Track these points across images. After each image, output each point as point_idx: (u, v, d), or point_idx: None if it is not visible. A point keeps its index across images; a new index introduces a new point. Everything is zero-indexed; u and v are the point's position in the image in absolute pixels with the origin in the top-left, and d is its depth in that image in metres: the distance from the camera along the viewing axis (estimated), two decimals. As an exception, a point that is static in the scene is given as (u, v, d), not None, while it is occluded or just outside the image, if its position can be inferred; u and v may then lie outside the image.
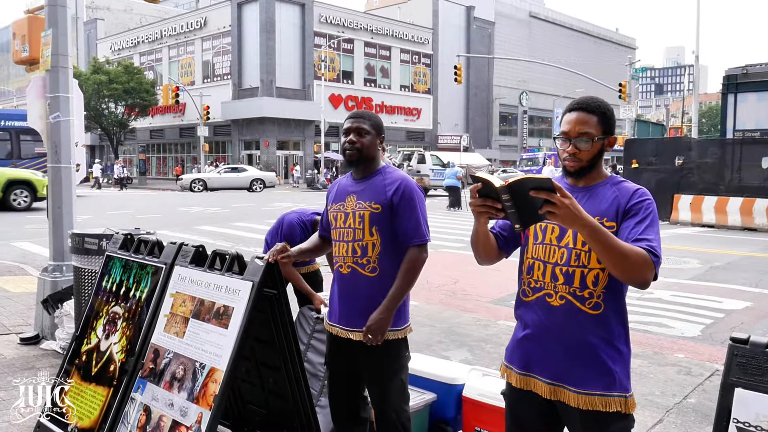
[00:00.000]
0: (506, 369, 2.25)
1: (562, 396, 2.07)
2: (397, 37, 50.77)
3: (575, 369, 2.05)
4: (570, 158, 2.09)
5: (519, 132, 65.03)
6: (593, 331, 2.03)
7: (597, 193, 2.10)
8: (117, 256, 3.52)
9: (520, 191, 1.73)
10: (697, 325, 6.59)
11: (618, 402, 2.02)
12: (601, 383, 2.02)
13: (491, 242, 2.19)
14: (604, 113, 2.09)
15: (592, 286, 2.02)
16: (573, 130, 2.08)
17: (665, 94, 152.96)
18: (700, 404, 4.42)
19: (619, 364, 2.05)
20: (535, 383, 2.13)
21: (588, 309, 2.03)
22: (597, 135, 2.07)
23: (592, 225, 1.80)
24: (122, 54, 51.90)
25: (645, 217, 1.98)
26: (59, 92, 5.43)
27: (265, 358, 2.99)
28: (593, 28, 75.57)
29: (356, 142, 2.81)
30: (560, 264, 2.06)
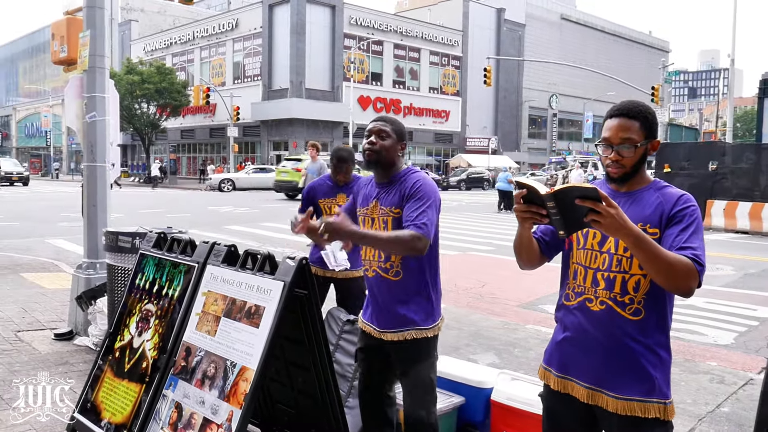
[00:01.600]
0: (544, 371, 2.25)
1: (600, 401, 2.06)
2: (427, 39, 50.74)
3: (614, 374, 2.04)
4: (613, 165, 2.07)
5: (548, 135, 64.48)
6: (633, 337, 2.02)
7: (640, 198, 2.08)
8: (150, 254, 3.57)
9: (566, 199, 1.75)
10: (730, 333, 6.46)
11: (657, 408, 2.01)
12: (640, 389, 2.01)
13: (534, 247, 2.18)
14: (646, 117, 2.07)
15: (632, 292, 2.01)
16: (615, 137, 2.05)
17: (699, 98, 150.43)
18: (734, 413, 4.33)
19: (659, 370, 2.04)
20: (573, 386, 2.13)
21: (628, 315, 2.02)
22: (639, 141, 2.05)
23: (637, 234, 1.80)
24: (155, 55, 52.71)
25: (689, 224, 1.97)
26: (96, 92, 5.53)
27: (295, 357, 3.01)
28: (625, 30, 74.60)
29: (376, 143, 2.81)
30: (602, 269, 2.06)
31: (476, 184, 41.34)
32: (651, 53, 72.76)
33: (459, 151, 51.94)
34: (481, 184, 41.06)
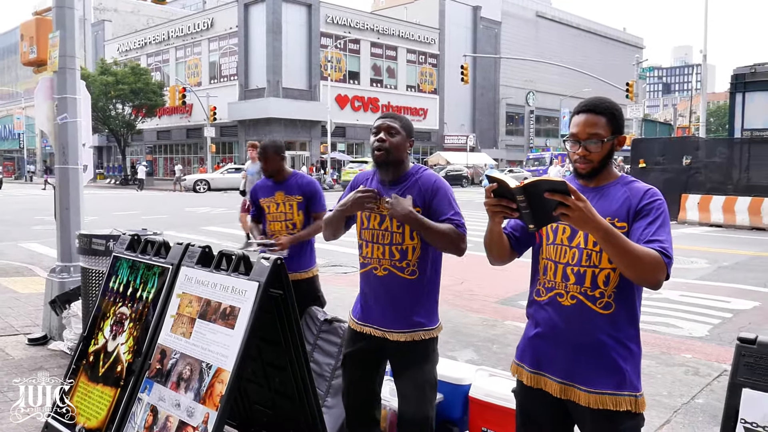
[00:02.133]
0: (517, 367, 2.26)
1: (573, 395, 2.08)
2: (404, 38, 50.78)
3: (586, 368, 2.06)
4: (581, 160, 2.10)
5: (526, 132, 64.90)
6: (604, 331, 2.04)
7: (608, 193, 2.11)
8: (124, 256, 3.53)
9: (535, 192, 1.77)
10: (705, 325, 6.56)
11: (628, 401, 2.03)
12: (611, 382, 2.04)
13: (504, 242, 2.20)
14: (612, 113, 2.10)
15: (603, 286, 2.04)
16: (582, 132, 2.08)
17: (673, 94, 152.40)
18: (708, 405, 4.40)
19: (630, 363, 2.06)
20: (546, 382, 2.14)
21: (599, 308, 2.04)
22: (606, 136, 2.08)
23: (605, 228, 1.83)
24: (129, 55, 52.12)
25: (656, 217, 2.00)
26: (67, 93, 5.45)
27: (272, 358, 3.00)
28: (600, 27, 75.30)
29: (385, 141, 2.74)
30: (571, 264, 2.08)
31: (455, 181, 41.44)
32: (626, 50, 73.50)
33: (437, 149, 52.07)
34: (459, 181, 41.19)
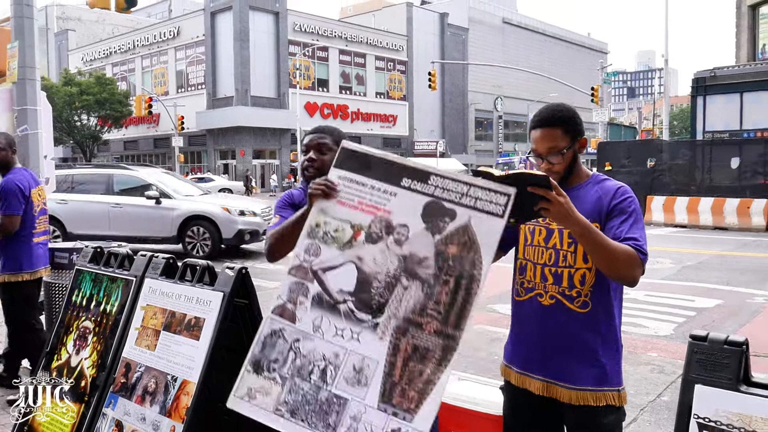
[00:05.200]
0: (506, 368, 2.31)
1: (555, 392, 2.14)
2: (372, 45, 50.95)
3: (567, 366, 2.11)
4: (547, 173, 2.08)
5: (495, 137, 65.49)
6: (582, 329, 2.10)
7: (579, 194, 2.13)
8: (87, 269, 3.48)
9: (519, 185, 1.80)
10: (670, 324, 6.69)
11: (610, 396, 2.09)
12: (592, 379, 2.09)
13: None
14: (566, 122, 2.12)
15: (579, 285, 2.09)
16: (542, 148, 2.13)
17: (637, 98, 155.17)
18: (673, 402, 4.44)
19: (610, 359, 2.12)
20: (530, 381, 2.19)
21: (576, 308, 2.10)
22: (565, 146, 2.11)
23: (584, 224, 1.89)
24: (94, 65, 51.41)
25: (629, 215, 2.05)
26: (27, 105, 5.37)
27: (237, 368, 2.98)
28: (565, 33, 76.45)
29: (316, 160, 2.60)
30: (548, 265, 2.13)
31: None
32: (590, 55, 74.72)
33: (407, 155, 52.13)
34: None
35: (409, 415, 1.96)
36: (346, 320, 2.11)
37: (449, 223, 2.04)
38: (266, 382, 2.17)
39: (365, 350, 2.07)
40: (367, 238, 2.15)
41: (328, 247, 2.20)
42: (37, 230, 4.56)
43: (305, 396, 2.10)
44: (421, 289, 2.04)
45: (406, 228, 2.10)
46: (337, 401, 2.06)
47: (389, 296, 2.08)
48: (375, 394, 2.02)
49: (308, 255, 2.22)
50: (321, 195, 2.24)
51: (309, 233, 2.24)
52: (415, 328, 2.02)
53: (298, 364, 2.14)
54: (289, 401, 2.12)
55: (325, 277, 2.19)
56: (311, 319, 2.16)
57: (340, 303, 2.14)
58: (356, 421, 2.02)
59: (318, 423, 2.06)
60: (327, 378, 2.09)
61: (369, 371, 2.05)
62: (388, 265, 2.10)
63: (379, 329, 2.06)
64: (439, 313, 2.00)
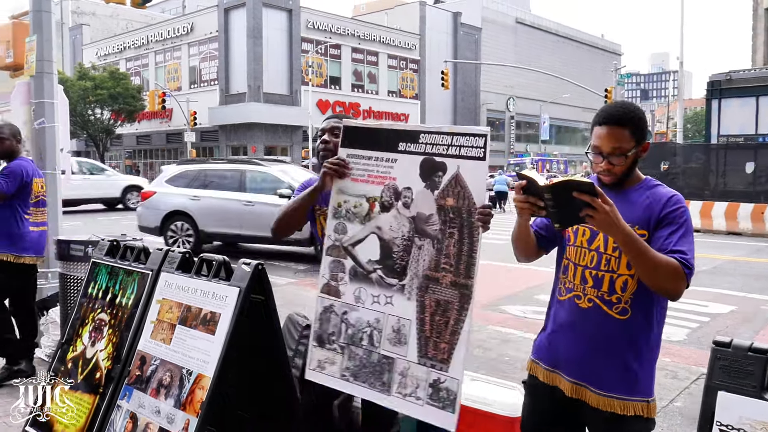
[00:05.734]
0: (533, 364, 2.29)
1: (584, 395, 2.11)
2: (385, 43, 50.90)
3: (598, 370, 2.08)
4: (604, 173, 2.08)
5: (506, 137, 65.29)
6: (618, 336, 2.05)
7: (629, 198, 2.08)
8: (103, 262, 3.50)
9: (563, 192, 1.81)
10: (683, 329, 6.65)
11: (639, 406, 2.04)
12: (622, 386, 2.05)
13: (531, 239, 2.21)
14: (636, 123, 2.04)
15: (620, 292, 2.04)
16: (606, 146, 2.04)
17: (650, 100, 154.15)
18: (686, 408, 4.45)
19: (643, 369, 2.07)
20: (560, 380, 2.17)
21: (615, 313, 2.05)
22: (630, 148, 2.03)
23: (628, 233, 1.85)
24: (108, 60, 51.66)
25: (679, 226, 1.99)
26: (44, 98, 5.40)
27: (253, 364, 2.99)
28: (579, 34, 76.07)
29: (329, 142, 2.69)
30: (590, 267, 2.09)
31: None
32: (604, 56, 74.34)
33: (418, 154, 52.17)
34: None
35: (445, 365, 2.18)
36: (379, 287, 2.35)
37: (442, 177, 2.23)
38: (329, 353, 2.44)
39: (399, 311, 2.30)
40: (381, 207, 2.37)
41: (352, 223, 2.42)
42: (34, 219, 4.71)
43: (361, 360, 2.36)
44: (432, 245, 2.24)
45: (410, 190, 2.31)
46: (386, 361, 2.30)
47: (408, 258, 2.29)
48: (414, 350, 2.25)
49: (337, 234, 2.45)
50: (335, 173, 2.42)
51: (334, 214, 2.45)
52: (434, 284, 2.22)
53: (350, 333, 2.39)
54: (350, 366, 2.39)
55: (355, 251, 2.41)
56: (352, 291, 2.40)
57: (371, 272, 2.37)
58: (404, 377, 2.26)
59: (375, 382, 2.32)
60: (374, 342, 2.34)
61: (405, 330, 2.28)
62: (402, 229, 2.31)
63: (406, 290, 2.29)
64: (451, 265, 2.19)
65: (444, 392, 2.17)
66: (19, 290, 4.74)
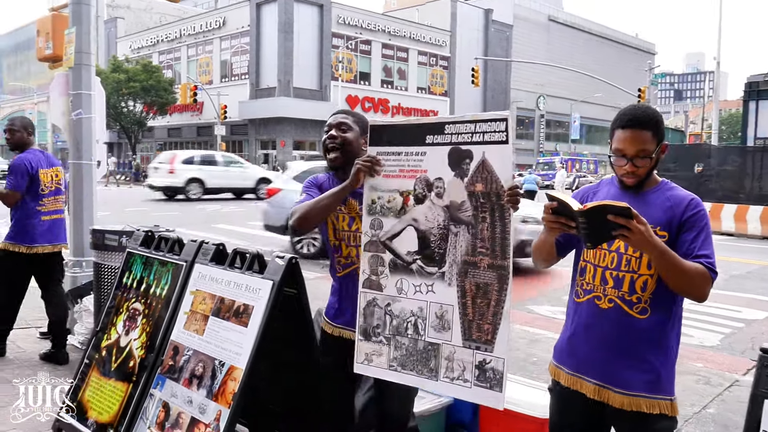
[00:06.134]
0: (556, 369, 2.29)
1: (607, 397, 2.11)
2: (415, 39, 50.77)
3: (620, 371, 2.09)
4: (628, 175, 2.11)
5: (536, 136, 64.75)
6: (640, 335, 2.07)
7: (648, 200, 2.12)
8: (138, 252, 3.54)
9: (598, 215, 1.85)
10: (716, 335, 6.52)
11: (662, 405, 2.07)
12: (645, 386, 2.07)
13: (553, 249, 2.25)
14: (656, 125, 2.09)
15: (640, 292, 2.06)
16: (629, 149, 2.08)
17: (684, 101, 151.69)
18: (720, 415, 4.37)
19: (665, 368, 2.10)
20: (582, 384, 2.17)
21: (635, 313, 2.07)
22: (654, 150, 2.08)
23: (662, 248, 1.90)
24: (142, 53, 52.32)
25: (701, 230, 2.04)
26: (82, 89, 5.47)
27: (284, 357, 3.00)
28: (612, 32, 75.07)
29: (337, 137, 2.66)
30: (610, 268, 2.11)
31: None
32: (637, 55, 73.25)
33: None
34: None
35: (489, 345, 2.24)
36: (420, 276, 2.41)
37: (470, 164, 2.30)
38: (376, 346, 2.49)
39: (441, 298, 2.35)
40: (416, 200, 2.43)
41: (387, 218, 2.48)
42: (46, 208, 4.90)
43: (407, 349, 2.42)
44: (468, 231, 2.31)
45: (442, 180, 2.37)
46: (432, 348, 2.37)
47: (446, 246, 2.35)
48: (458, 334, 2.31)
49: (373, 230, 2.51)
50: (367, 170, 2.45)
51: (368, 211, 2.51)
52: (472, 268, 2.29)
53: (394, 324, 2.45)
54: (397, 357, 2.45)
55: (393, 245, 2.48)
56: (393, 283, 2.46)
57: (411, 263, 2.44)
58: (450, 361, 2.32)
59: (423, 369, 2.38)
60: (419, 330, 2.40)
61: (449, 315, 2.34)
62: (438, 219, 2.38)
63: (446, 277, 2.35)
64: (487, 248, 2.26)
65: (490, 372, 2.23)
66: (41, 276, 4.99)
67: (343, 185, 2.49)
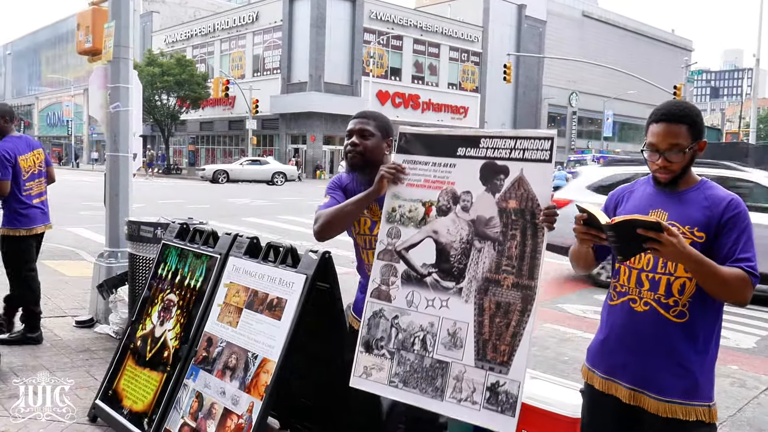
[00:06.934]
0: (589, 372, 2.24)
1: (642, 402, 2.06)
2: (447, 35, 50.51)
3: (656, 375, 2.03)
4: (661, 171, 2.06)
5: (567, 133, 63.94)
6: (677, 339, 2.01)
7: (686, 199, 2.07)
8: (173, 244, 3.60)
9: (627, 229, 1.82)
10: (752, 337, 6.39)
11: (700, 411, 2.00)
12: (682, 391, 2.01)
13: (590, 256, 2.21)
14: (693, 120, 2.04)
15: (677, 295, 2.01)
16: (663, 143, 2.03)
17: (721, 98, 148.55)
18: (756, 418, 4.28)
19: (703, 372, 2.03)
20: (617, 388, 2.12)
21: (672, 317, 2.01)
22: (688, 145, 2.02)
23: (696, 258, 1.86)
24: (176, 47, 52.97)
25: (742, 232, 1.97)
26: (120, 83, 5.56)
27: (316, 351, 3.02)
28: (648, 28, 73.73)
29: (359, 144, 2.59)
30: (646, 270, 2.06)
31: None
32: (673, 52, 71.85)
33: (477, 148, 51.63)
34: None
35: (504, 367, 2.15)
36: (434, 290, 2.32)
37: (505, 180, 2.23)
38: (377, 359, 2.38)
39: (455, 315, 2.26)
40: (438, 211, 2.36)
41: (406, 228, 2.41)
42: (31, 192, 5.01)
43: (412, 365, 2.31)
44: (493, 248, 2.23)
45: (470, 194, 2.30)
46: (439, 366, 2.26)
47: (467, 261, 2.28)
48: (471, 353, 2.21)
49: (390, 238, 2.43)
50: (391, 178, 2.40)
51: (387, 218, 2.44)
52: (494, 286, 2.21)
53: (400, 338, 2.35)
54: (399, 372, 2.34)
55: (409, 255, 2.40)
56: (404, 295, 2.37)
57: (425, 276, 2.35)
58: (459, 381, 2.22)
59: (428, 388, 2.27)
60: (427, 346, 2.29)
61: (462, 333, 2.24)
62: (461, 233, 2.30)
63: (464, 293, 2.27)
64: (513, 267, 2.18)
65: (503, 395, 2.14)
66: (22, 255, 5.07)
67: (367, 193, 2.46)
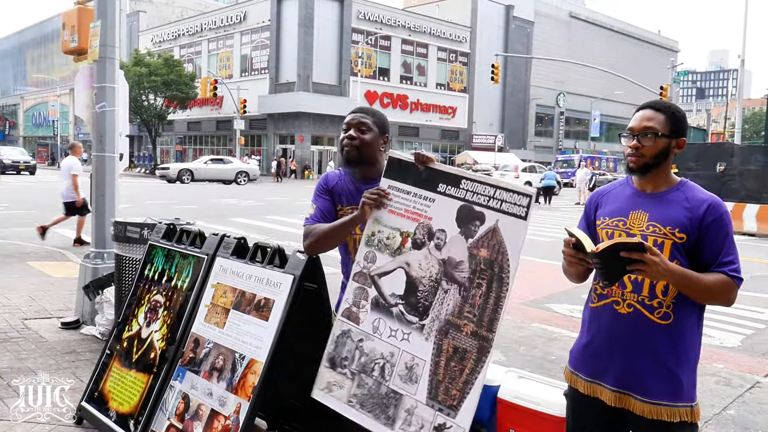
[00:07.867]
0: (572, 375, 2.24)
1: (628, 404, 2.07)
2: (435, 35, 50.61)
3: (642, 378, 2.04)
4: (632, 153, 2.08)
5: (555, 133, 64.30)
6: (661, 341, 2.02)
7: (667, 199, 2.09)
8: (160, 245, 3.58)
9: (611, 253, 1.86)
10: (737, 336, 6.45)
11: (684, 412, 2.02)
12: (667, 392, 2.02)
13: (582, 270, 2.20)
14: (673, 114, 2.08)
15: (661, 296, 2.01)
16: (638, 126, 2.08)
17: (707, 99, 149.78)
18: (740, 416, 4.32)
19: (687, 374, 2.04)
20: (601, 391, 2.12)
21: (656, 318, 2.02)
22: (662, 131, 2.05)
23: (680, 274, 1.90)
24: (163, 46, 52.68)
25: (725, 235, 2.01)
26: (106, 82, 5.53)
27: (304, 351, 3.00)
28: (634, 29, 74.24)
29: (356, 138, 2.55)
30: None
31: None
32: (660, 53, 72.40)
33: (465, 148, 51.84)
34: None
35: (453, 411, 2.17)
36: (399, 322, 2.34)
37: (479, 227, 2.21)
38: (340, 377, 2.43)
39: (415, 350, 2.28)
40: (413, 244, 2.36)
41: (382, 254, 2.42)
42: None
43: (370, 390, 2.34)
44: (459, 292, 2.22)
45: (444, 233, 2.29)
46: (394, 396, 2.29)
47: (432, 299, 2.28)
48: (423, 390, 2.23)
49: (366, 261, 2.45)
50: (374, 204, 2.40)
51: (366, 242, 2.46)
52: (454, 330, 2.21)
53: (362, 361, 2.38)
54: (358, 394, 2.37)
55: (381, 282, 2.41)
56: (371, 320, 2.40)
57: (392, 306, 2.36)
58: (410, 415, 2.24)
59: (381, 415, 2.30)
60: (385, 374, 2.33)
61: (418, 369, 2.26)
62: (431, 270, 2.30)
63: (425, 330, 2.27)
64: (474, 315, 2.18)
65: None
66: None
67: (353, 217, 2.46)
